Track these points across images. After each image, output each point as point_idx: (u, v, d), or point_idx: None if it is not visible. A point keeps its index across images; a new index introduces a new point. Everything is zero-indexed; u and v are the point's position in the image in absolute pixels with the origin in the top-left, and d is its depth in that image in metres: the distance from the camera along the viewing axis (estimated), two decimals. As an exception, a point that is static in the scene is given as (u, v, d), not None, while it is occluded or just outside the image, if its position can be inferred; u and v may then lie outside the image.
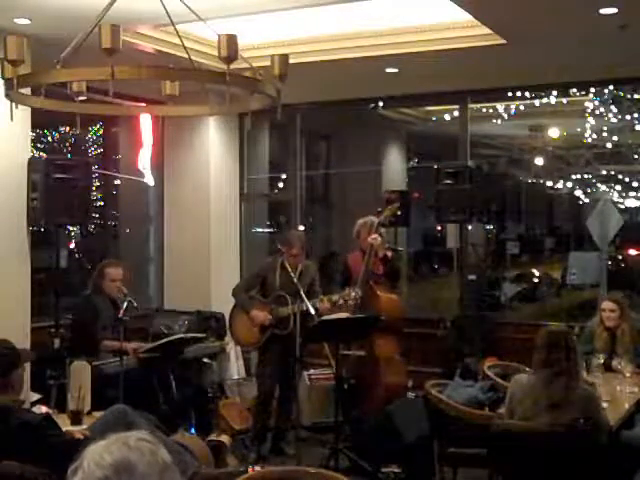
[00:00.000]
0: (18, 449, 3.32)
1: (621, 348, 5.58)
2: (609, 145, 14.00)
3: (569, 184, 18.03)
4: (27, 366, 5.68)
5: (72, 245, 9.88)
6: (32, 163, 5.93)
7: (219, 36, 3.41)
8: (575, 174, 17.32)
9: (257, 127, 8.84)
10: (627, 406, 4.65)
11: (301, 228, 8.41)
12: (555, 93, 8.74)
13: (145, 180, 7.27)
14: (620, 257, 14.09)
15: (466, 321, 7.11)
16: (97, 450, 1.57)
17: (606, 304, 5.76)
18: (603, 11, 5.05)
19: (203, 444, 4.54)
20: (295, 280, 5.79)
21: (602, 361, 5.37)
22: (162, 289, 8.30)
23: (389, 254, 6.17)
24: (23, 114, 5.48)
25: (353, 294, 5.77)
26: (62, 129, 10.74)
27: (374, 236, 6.05)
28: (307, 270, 6.06)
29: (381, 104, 8.85)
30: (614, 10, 5.03)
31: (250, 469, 3.90)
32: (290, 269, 5.91)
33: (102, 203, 9.15)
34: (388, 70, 6.72)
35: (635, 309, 6.09)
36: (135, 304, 5.53)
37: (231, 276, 7.81)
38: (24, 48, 3.49)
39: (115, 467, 1.54)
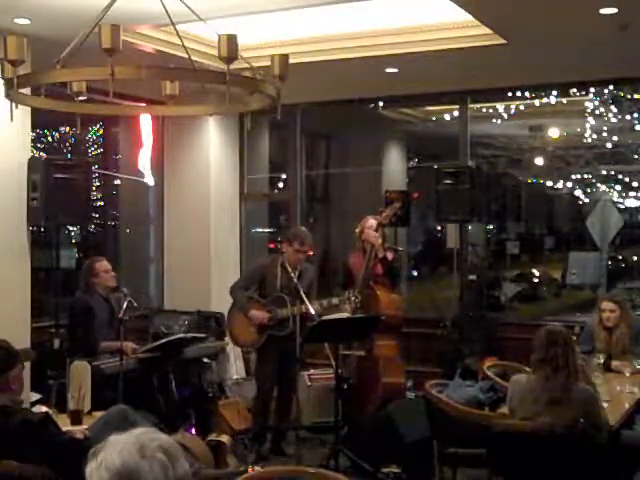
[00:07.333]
0: (19, 447, 3.32)
1: (619, 348, 5.56)
2: (609, 145, 13.97)
3: (569, 184, 17.99)
4: (27, 365, 5.73)
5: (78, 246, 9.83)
6: (32, 163, 5.92)
7: (219, 36, 3.41)
8: (575, 174, 17.27)
9: (257, 127, 8.84)
10: (627, 406, 4.65)
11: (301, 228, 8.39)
12: (555, 93, 8.73)
13: (145, 180, 7.29)
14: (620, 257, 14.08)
15: (466, 321, 7.11)
16: (115, 447, 1.57)
17: (606, 304, 5.70)
18: (603, 11, 5.05)
19: (203, 444, 4.54)
20: (295, 281, 5.78)
21: (602, 361, 5.36)
22: (162, 289, 8.31)
23: (389, 255, 6.17)
24: (23, 114, 5.48)
25: (353, 298, 5.78)
26: (62, 129, 10.72)
27: (375, 235, 6.05)
28: (306, 272, 6.06)
29: (381, 104, 8.85)
30: (614, 10, 5.02)
31: (250, 469, 3.91)
32: (290, 269, 5.90)
33: (102, 203, 9.14)
34: (388, 70, 6.71)
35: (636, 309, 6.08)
36: (135, 303, 5.54)
37: (231, 276, 7.78)
38: (24, 48, 3.49)
39: (120, 474, 1.53)
